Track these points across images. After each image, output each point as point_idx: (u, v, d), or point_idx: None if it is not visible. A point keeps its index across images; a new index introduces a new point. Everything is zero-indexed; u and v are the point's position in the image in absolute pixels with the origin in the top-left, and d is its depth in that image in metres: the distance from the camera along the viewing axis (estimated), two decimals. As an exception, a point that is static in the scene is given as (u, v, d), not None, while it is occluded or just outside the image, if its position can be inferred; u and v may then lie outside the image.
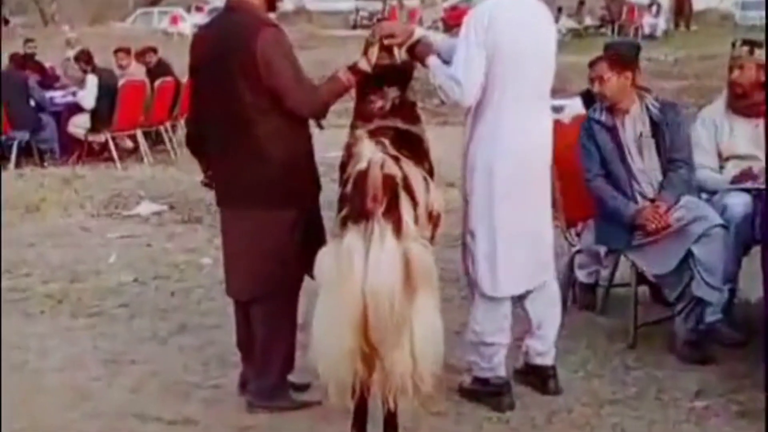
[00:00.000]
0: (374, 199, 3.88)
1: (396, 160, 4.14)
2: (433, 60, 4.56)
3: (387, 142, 4.22)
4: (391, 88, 4.51)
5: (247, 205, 4.48)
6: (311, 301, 4.23)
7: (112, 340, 5.74)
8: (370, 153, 4.06)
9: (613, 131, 5.35)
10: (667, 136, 5.30)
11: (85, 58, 12.67)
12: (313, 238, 4.39)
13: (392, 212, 3.93)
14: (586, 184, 5.40)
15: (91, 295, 6.59)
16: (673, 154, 5.31)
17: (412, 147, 4.36)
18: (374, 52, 4.54)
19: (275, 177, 4.40)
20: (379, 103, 4.49)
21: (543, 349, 4.83)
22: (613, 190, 5.32)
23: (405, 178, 4.08)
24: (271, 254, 4.43)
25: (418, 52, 4.60)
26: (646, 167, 5.33)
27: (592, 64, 5.92)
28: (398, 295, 3.83)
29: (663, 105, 5.40)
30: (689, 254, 5.03)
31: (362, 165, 4.00)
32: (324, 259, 4.00)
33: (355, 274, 3.83)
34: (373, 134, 4.29)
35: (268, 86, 4.32)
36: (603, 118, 5.38)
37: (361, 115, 4.51)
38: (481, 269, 4.67)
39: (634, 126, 5.35)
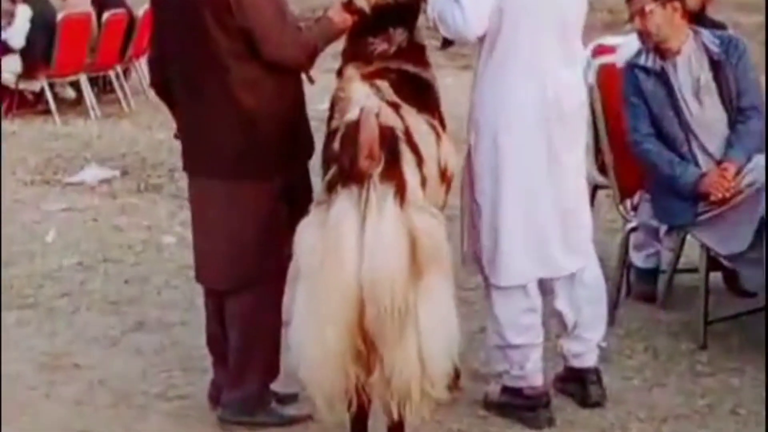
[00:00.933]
0: (369, 156, 3.86)
1: (395, 107, 4.14)
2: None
3: (386, 84, 4.21)
4: (396, 30, 4.51)
5: (221, 172, 4.46)
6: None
7: (51, 339, 5.74)
8: (363, 99, 4.04)
9: (662, 77, 5.34)
10: (732, 79, 5.31)
11: None
12: (304, 213, 4.35)
13: (392, 173, 3.93)
14: (632, 149, 5.42)
15: (24, 283, 6.60)
16: (740, 102, 5.31)
17: (420, 94, 4.37)
18: None
19: (255, 138, 4.38)
20: (381, 47, 4.49)
21: (581, 350, 4.84)
22: (669, 152, 5.31)
23: (407, 130, 4.08)
24: (251, 233, 4.43)
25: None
26: (707, 119, 5.32)
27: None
28: (401, 279, 3.82)
29: (723, 40, 5.38)
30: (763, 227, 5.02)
31: (353, 114, 3.98)
32: (304, 234, 3.97)
33: (346, 253, 3.82)
34: (370, 76, 4.27)
35: (241, 27, 4.29)
36: (649, 62, 5.37)
37: (357, 58, 4.49)
38: (485, 252, 4.65)
39: (689, 69, 5.34)
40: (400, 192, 3.91)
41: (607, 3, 20.96)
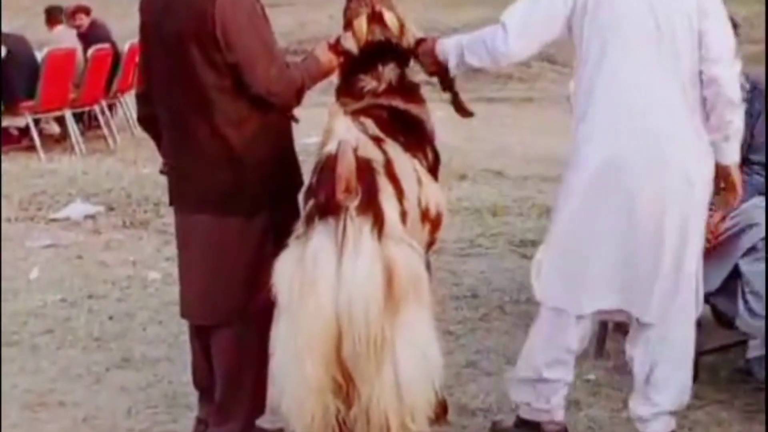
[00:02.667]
0: (346, 189, 3.86)
1: (378, 141, 4.15)
2: (445, 41, 4.57)
3: (370, 121, 4.23)
4: (387, 67, 4.54)
5: (207, 208, 4.46)
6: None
7: (35, 377, 5.72)
8: (343, 132, 4.05)
9: None
10: (747, 129, 5.26)
11: None
12: None
13: (370, 206, 3.93)
14: None
15: (8, 321, 6.55)
16: (750, 154, 5.28)
17: (409, 131, 4.38)
18: (362, 25, 4.53)
19: (241, 175, 4.37)
20: (371, 84, 4.52)
21: (646, 414, 4.67)
22: None
23: (388, 163, 4.09)
24: (236, 269, 4.42)
25: (423, 49, 4.63)
26: None
27: None
28: (376, 310, 3.83)
29: (753, 88, 5.34)
30: (737, 271, 5.04)
31: (331, 147, 3.99)
32: (283, 266, 3.97)
33: (323, 286, 3.83)
34: (358, 113, 4.29)
35: (228, 63, 4.28)
36: None
37: (348, 95, 4.53)
38: (544, 270, 4.60)
39: None
40: (378, 224, 3.91)
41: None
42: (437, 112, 4.84)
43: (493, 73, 18.58)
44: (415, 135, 4.43)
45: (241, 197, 4.39)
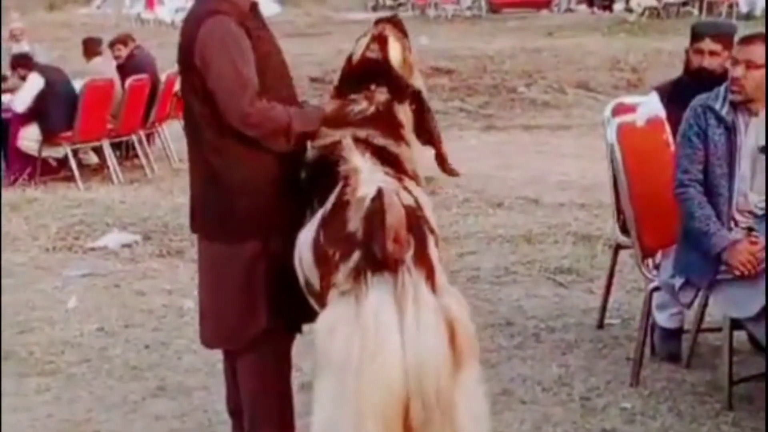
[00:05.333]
0: (396, 240, 3.74)
1: (399, 180, 4.09)
2: None
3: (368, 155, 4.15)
4: (379, 89, 4.42)
5: (205, 234, 4.57)
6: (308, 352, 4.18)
7: (71, 406, 5.73)
8: (368, 173, 3.98)
9: (731, 132, 5.30)
10: None
11: (24, 64, 12.74)
12: (284, 278, 4.35)
13: (422, 257, 3.82)
14: (675, 189, 5.35)
15: (44, 350, 6.59)
16: None
17: (392, 168, 4.25)
18: (363, 43, 4.51)
19: (229, 202, 4.40)
20: (361, 105, 4.39)
21: None
22: (709, 207, 5.29)
23: (419, 206, 4.02)
24: (230, 295, 4.46)
25: None
26: (755, 188, 5.32)
27: (744, 41, 5.49)
28: (446, 371, 3.73)
29: None
30: None
31: (367, 192, 3.88)
32: (335, 324, 3.83)
33: (389, 346, 3.70)
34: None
35: (207, 89, 4.32)
36: (724, 111, 5.30)
37: (332, 118, 4.42)
38: None
39: (757, 134, 5.32)
40: (431, 276, 3.82)
41: (631, 62, 21.11)
42: (471, 140, 4.83)
43: (528, 100, 18.60)
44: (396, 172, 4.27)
45: (228, 224, 4.41)
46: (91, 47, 13.54)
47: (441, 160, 4.62)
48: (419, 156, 4.52)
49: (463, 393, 3.81)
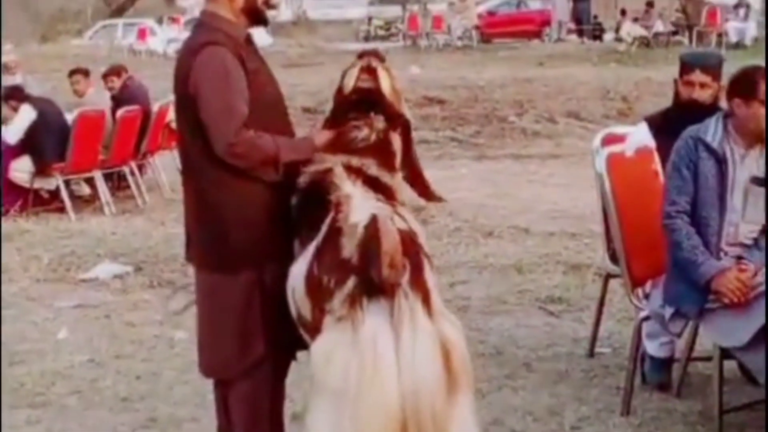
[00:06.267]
0: (392, 265, 3.76)
1: (392, 206, 4.11)
2: None
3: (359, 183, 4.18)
4: (377, 117, 4.45)
5: (201, 264, 4.59)
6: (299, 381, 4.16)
7: (62, 438, 5.71)
8: (361, 199, 4.00)
9: (722, 164, 5.31)
10: None
11: (16, 96, 12.74)
12: (279, 305, 4.35)
13: (418, 282, 3.83)
14: (664, 219, 5.36)
15: (35, 381, 6.57)
16: None
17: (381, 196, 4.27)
18: (353, 74, 4.53)
19: (223, 233, 4.42)
20: (363, 132, 4.41)
21: None
22: (697, 237, 5.29)
23: (413, 232, 4.03)
24: (227, 324, 4.47)
25: None
26: (746, 219, 5.33)
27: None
28: (441, 396, 3.74)
29: None
30: None
31: (360, 218, 3.90)
32: (331, 351, 3.84)
33: (386, 372, 3.71)
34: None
35: (198, 119, 4.34)
36: (715, 143, 5.31)
37: (333, 144, 4.43)
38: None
39: (749, 166, 5.33)
40: (426, 300, 3.83)
41: (621, 91, 21.15)
42: (461, 170, 4.84)
43: (519, 129, 18.62)
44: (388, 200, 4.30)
45: (222, 254, 4.43)
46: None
47: (424, 187, 4.62)
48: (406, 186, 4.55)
49: (457, 418, 3.81)
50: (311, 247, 4.15)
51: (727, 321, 5.17)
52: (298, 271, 4.19)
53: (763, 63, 5.53)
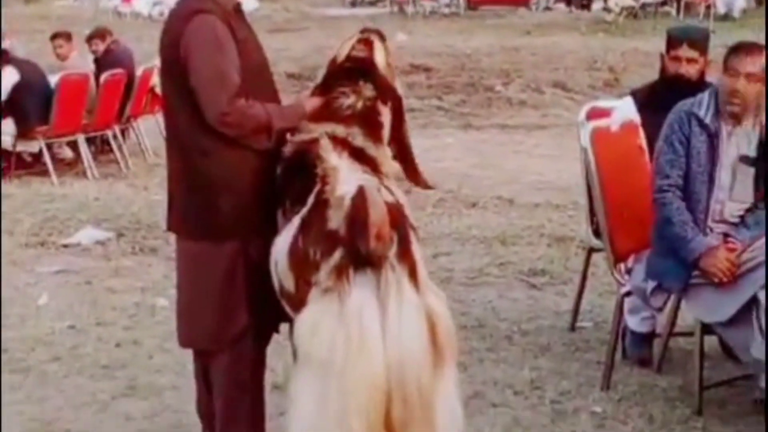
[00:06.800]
0: (380, 238, 3.76)
1: (378, 178, 4.11)
2: None
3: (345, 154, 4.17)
4: (366, 85, 4.45)
5: (185, 233, 4.57)
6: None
7: (41, 405, 5.71)
8: (347, 171, 3.99)
9: (714, 140, 5.31)
10: None
11: None
12: (263, 277, 4.34)
13: (405, 254, 3.83)
14: (654, 193, 5.37)
15: (15, 347, 6.56)
16: None
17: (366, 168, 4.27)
18: (348, 44, 4.53)
19: (210, 201, 4.41)
20: (350, 99, 4.41)
21: None
22: (688, 213, 5.31)
23: (399, 203, 4.03)
24: (209, 294, 4.46)
25: None
26: (733, 197, 5.33)
27: (744, 51, 5.36)
28: (427, 367, 3.75)
29: None
30: (753, 302, 5.01)
31: (346, 190, 3.90)
32: (318, 322, 3.83)
33: (372, 343, 3.71)
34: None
35: (189, 87, 4.33)
36: (708, 119, 5.31)
37: (319, 110, 4.43)
38: None
39: (738, 142, 5.34)
40: (413, 273, 3.83)
41: (608, 61, 21.14)
42: (447, 139, 4.83)
43: (506, 99, 18.60)
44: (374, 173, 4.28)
45: (210, 222, 4.42)
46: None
47: (414, 173, 4.61)
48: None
49: (442, 391, 3.83)
50: (296, 220, 4.13)
51: (711, 297, 5.18)
52: (281, 244, 4.18)
53: (750, 36, 5.53)
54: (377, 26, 4.99)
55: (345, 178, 4.01)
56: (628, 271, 5.75)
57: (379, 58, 4.52)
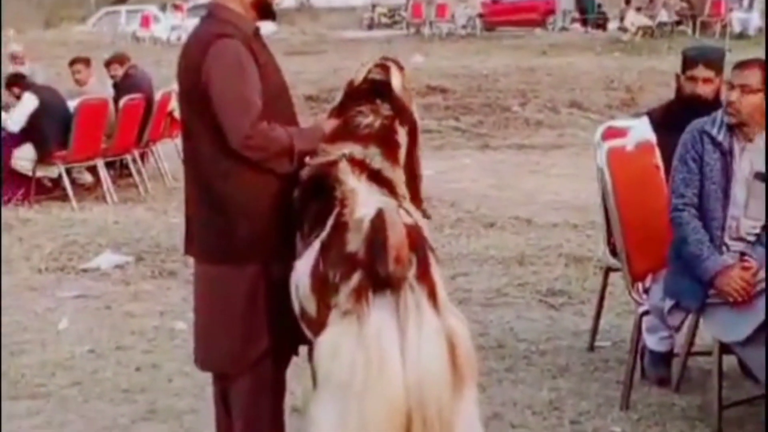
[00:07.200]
0: (398, 260, 3.75)
1: (396, 200, 4.10)
2: None
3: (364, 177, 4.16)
4: (383, 104, 4.45)
5: (204, 257, 4.55)
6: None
7: (62, 429, 5.72)
8: (366, 194, 3.99)
9: (726, 157, 5.32)
10: None
11: (18, 84, 12.75)
12: (284, 300, 4.33)
13: (425, 276, 3.82)
14: (671, 212, 5.36)
15: (35, 372, 6.58)
16: None
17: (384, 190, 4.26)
18: (364, 69, 4.54)
19: (230, 225, 4.40)
20: (368, 118, 4.41)
21: None
22: (703, 232, 5.29)
23: (420, 228, 4.03)
24: (230, 318, 4.45)
25: None
26: (748, 214, 5.32)
27: (741, 65, 5.48)
28: (447, 389, 3.73)
29: None
30: None
31: (366, 213, 3.89)
32: (337, 345, 3.82)
33: (391, 366, 3.70)
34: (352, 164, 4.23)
35: (212, 112, 4.32)
36: (720, 136, 5.32)
37: (337, 130, 4.43)
38: None
39: (751, 159, 5.33)
40: (432, 294, 3.81)
41: (624, 81, 21.14)
42: (464, 159, 4.83)
43: (523, 119, 18.61)
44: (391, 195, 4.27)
45: (229, 246, 4.41)
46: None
47: (417, 200, 4.57)
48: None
49: (462, 412, 3.81)
50: (316, 244, 4.13)
51: (729, 316, 5.17)
52: (302, 268, 4.17)
53: (762, 54, 5.53)
54: (394, 48, 5.00)
55: (364, 201, 4.01)
56: (646, 291, 5.74)
57: (396, 81, 4.52)
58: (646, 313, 5.71)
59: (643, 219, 5.62)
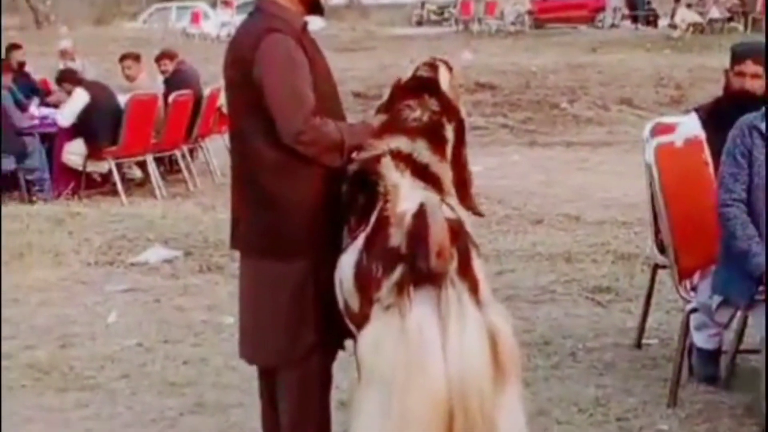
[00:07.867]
0: (440, 254, 3.76)
1: (440, 195, 4.09)
2: None
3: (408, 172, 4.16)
4: (431, 100, 4.43)
5: (250, 251, 4.56)
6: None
7: (110, 422, 5.77)
8: (409, 189, 4.00)
9: None
10: None
11: (70, 79, 12.84)
12: (331, 294, 4.34)
13: (466, 271, 3.83)
14: (719, 208, 5.32)
15: (85, 365, 6.64)
16: None
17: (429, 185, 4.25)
18: (413, 68, 4.53)
19: (279, 220, 4.40)
20: (416, 112, 4.39)
21: None
22: (753, 227, 5.25)
23: (463, 223, 4.03)
24: (277, 312, 4.45)
25: None
26: None
27: None
28: (489, 385, 3.74)
29: None
30: None
31: (408, 207, 3.91)
32: (379, 340, 3.84)
33: (432, 361, 3.71)
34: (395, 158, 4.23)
35: (263, 105, 4.32)
36: None
37: (387, 124, 4.42)
38: None
39: None
40: (474, 289, 3.82)
41: (675, 78, 21.03)
42: (513, 156, 4.80)
43: (571, 116, 18.55)
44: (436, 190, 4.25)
45: (279, 241, 4.40)
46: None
47: (467, 198, 4.56)
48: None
49: (505, 408, 3.81)
50: (360, 238, 4.14)
51: None
52: (346, 263, 4.18)
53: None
54: (442, 45, 5.01)
55: (406, 195, 4.01)
56: (694, 288, 5.70)
57: (443, 79, 4.51)
58: (694, 310, 5.68)
59: (692, 215, 5.58)
